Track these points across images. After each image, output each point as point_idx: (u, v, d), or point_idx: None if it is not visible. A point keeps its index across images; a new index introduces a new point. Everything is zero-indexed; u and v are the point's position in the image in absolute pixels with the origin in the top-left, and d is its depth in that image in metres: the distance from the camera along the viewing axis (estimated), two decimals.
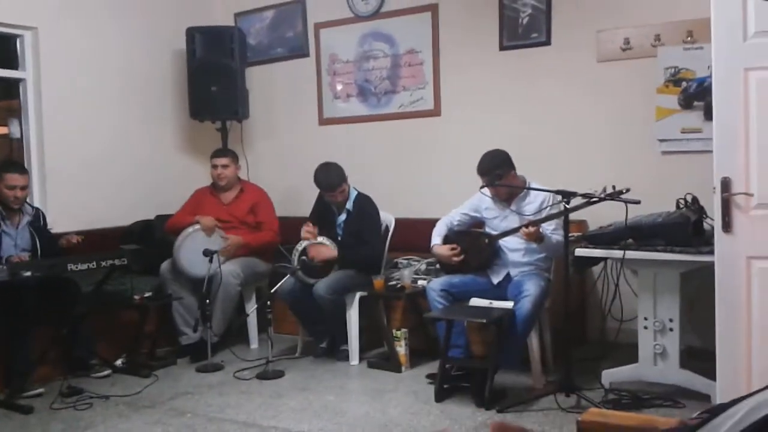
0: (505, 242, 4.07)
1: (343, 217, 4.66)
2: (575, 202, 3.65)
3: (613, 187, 3.55)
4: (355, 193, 4.67)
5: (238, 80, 5.47)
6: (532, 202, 4.03)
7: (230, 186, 5.05)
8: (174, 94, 5.75)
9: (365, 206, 4.65)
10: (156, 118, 5.65)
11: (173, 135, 5.79)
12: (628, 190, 3.52)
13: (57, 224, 4.63)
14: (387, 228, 4.80)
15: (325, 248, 4.53)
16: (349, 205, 4.64)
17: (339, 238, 4.64)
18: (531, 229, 3.76)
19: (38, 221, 4.35)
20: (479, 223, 4.28)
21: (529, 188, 4.02)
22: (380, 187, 5.03)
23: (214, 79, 5.44)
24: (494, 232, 4.10)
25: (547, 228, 3.90)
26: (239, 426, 3.51)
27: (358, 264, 4.53)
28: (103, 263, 4.06)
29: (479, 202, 4.20)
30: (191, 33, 5.46)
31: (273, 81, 5.92)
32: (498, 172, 3.96)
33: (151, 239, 5.14)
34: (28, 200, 4.49)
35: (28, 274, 3.80)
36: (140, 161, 5.49)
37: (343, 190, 4.59)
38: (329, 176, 4.56)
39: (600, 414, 1.62)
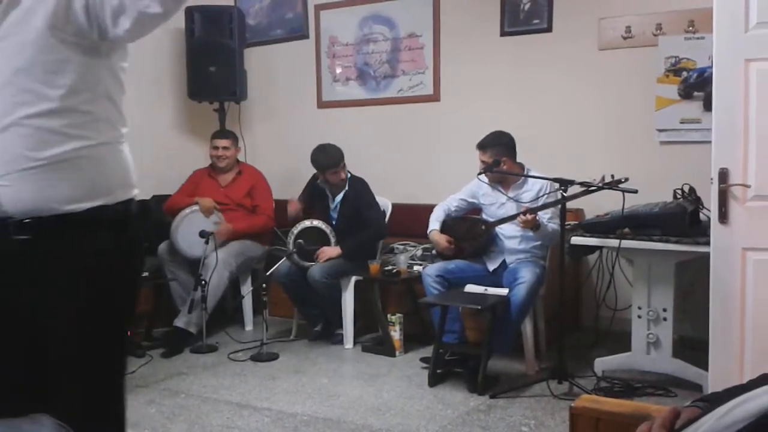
0: (502, 229, 4.08)
1: (339, 198, 4.65)
2: (573, 190, 3.65)
3: (612, 176, 3.55)
4: (349, 175, 4.66)
5: (237, 61, 5.42)
6: (530, 190, 4.03)
7: (229, 168, 5.03)
8: (172, 74, 5.70)
9: (361, 189, 4.64)
10: (153, 97, 5.59)
11: (171, 115, 5.75)
12: (626, 180, 3.52)
13: None
14: (384, 213, 4.79)
15: (330, 249, 4.52)
16: (345, 187, 4.63)
17: (334, 222, 4.63)
18: (528, 216, 3.77)
19: None
20: (477, 209, 4.28)
21: (526, 176, 4.02)
22: (377, 171, 5.01)
23: (213, 60, 5.38)
24: (491, 219, 4.10)
25: (544, 216, 3.90)
26: (233, 407, 3.52)
27: (362, 252, 4.52)
28: None
29: (477, 188, 4.20)
30: (190, 12, 5.39)
31: (272, 62, 5.88)
32: (497, 154, 3.96)
33: (148, 219, 5.12)
34: None
35: None
36: (137, 141, 5.27)
37: (344, 167, 4.58)
38: (330, 155, 4.54)
39: (593, 401, 1.62)
